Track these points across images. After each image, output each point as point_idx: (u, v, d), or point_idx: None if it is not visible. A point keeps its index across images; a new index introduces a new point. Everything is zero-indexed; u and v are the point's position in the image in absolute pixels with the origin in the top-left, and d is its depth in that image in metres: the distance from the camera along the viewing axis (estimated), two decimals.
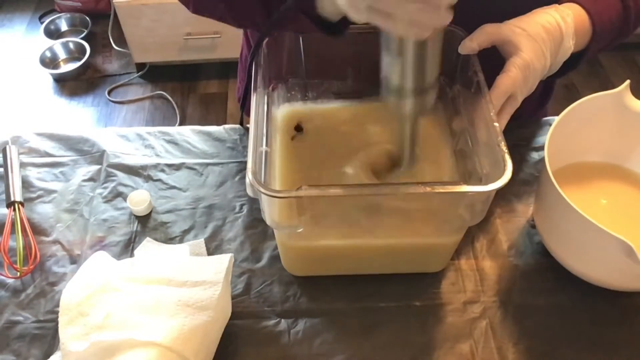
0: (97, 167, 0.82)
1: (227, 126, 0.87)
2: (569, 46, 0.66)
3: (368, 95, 0.74)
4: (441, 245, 0.66)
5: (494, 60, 0.65)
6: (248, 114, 0.83)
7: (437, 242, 0.65)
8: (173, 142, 0.85)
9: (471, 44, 0.64)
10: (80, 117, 2.07)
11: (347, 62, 0.69)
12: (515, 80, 0.61)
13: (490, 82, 0.63)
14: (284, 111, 0.74)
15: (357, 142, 0.70)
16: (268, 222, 0.59)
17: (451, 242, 0.66)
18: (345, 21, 0.62)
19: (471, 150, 0.64)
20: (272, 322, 0.67)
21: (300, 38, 0.69)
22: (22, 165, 0.81)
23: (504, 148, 0.56)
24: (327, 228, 0.63)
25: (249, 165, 0.55)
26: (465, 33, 0.66)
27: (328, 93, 0.75)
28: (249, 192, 0.58)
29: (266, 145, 0.60)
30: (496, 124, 0.59)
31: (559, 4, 0.67)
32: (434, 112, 0.74)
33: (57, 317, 0.61)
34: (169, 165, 0.82)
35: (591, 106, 0.69)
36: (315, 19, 0.61)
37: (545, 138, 0.65)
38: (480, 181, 0.60)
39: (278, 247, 0.69)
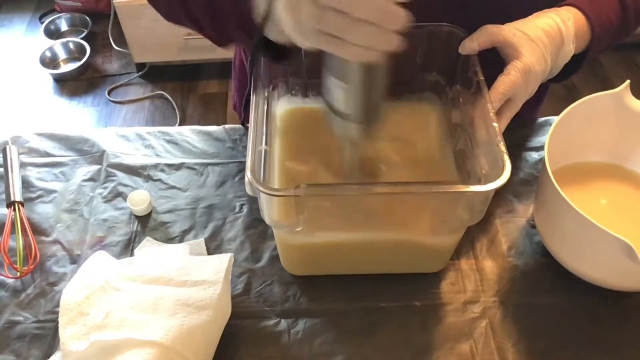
0: (97, 167, 0.82)
1: (227, 126, 0.87)
2: (570, 50, 0.66)
3: None
4: (441, 245, 0.66)
5: (495, 61, 0.65)
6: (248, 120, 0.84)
7: (437, 241, 0.65)
8: (173, 142, 0.85)
9: (471, 44, 0.64)
10: (80, 117, 2.07)
11: None
12: (515, 84, 0.61)
13: (490, 83, 0.63)
14: (283, 110, 0.74)
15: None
16: (267, 220, 0.59)
17: (450, 241, 0.66)
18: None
19: (470, 150, 0.64)
20: (272, 322, 0.67)
21: None
22: (22, 165, 0.81)
23: (503, 148, 0.56)
24: (325, 227, 0.63)
25: (248, 163, 0.55)
26: (465, 33, 0.66)
27: None
28: (248, 190, 0.58)
29: (266, 144, 0.60)
30: (495, 124, 0.59)
31: (558, 6, 0.67)
32: (433, 111, 0.74)
33: (57, 317, 0.61)
34: (169, 165, 0.82)
35: (591, 106, 0.69)
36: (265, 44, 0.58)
37: (545, 138, 0.65)
38: (479, 181, 0.60)
39: (277, 246, 0.69)
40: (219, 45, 0.68)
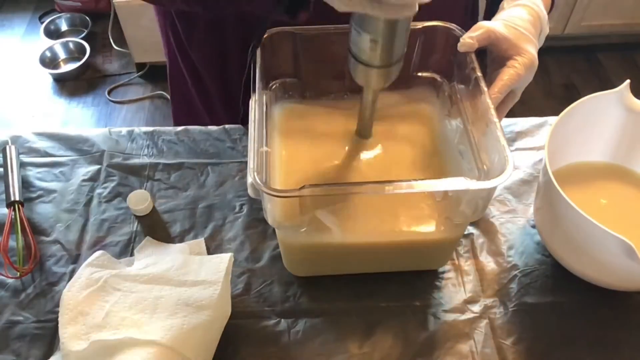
0: (97, 167, 0.82)
1: (227, 126, 0.87)
2: (546, 31, 0.70)
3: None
4: (443, 241, 0.66)
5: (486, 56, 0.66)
6: (245, 123, 0.84)
7: (440, 238, 0.65)
8: (173, 142, 0.85)
9: (472, 42, 0.64)
10: (80, 117, 2.07)
11: (344, 61, 0.69)
12: (520, 77, 0.63)
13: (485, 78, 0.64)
14: (281, 111, 0.74)
15: (355, 140, 0.70)
16: (270, 222, 0.59)
17: (453, 238, 0.66)
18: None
19: (470, 146, 0.64)
20: (272, 322, 0.67)
21: (298, 38, 0.69)
22: (22, 165, 0.81)
23: (505, 144, 0.56)
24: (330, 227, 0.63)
25: (251, 165, 0.55)
26: (462, 31, 0.66)
27: (326, 92, 0.75)
28: (250, 192, 0.58)
29: (266, 145, 0.60)
30: (496, 120, 0.59)
31: None
32: (432, 109, 0.74)
33: (57, 317, 0.61)
34: (169, 165, 0.82)
35: (591, 106, 0.69)
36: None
37: (545, 138, 0.65)
38: (480, 177, 0.60)
39: (280, 247, 0.69)
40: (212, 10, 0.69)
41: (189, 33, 0.83)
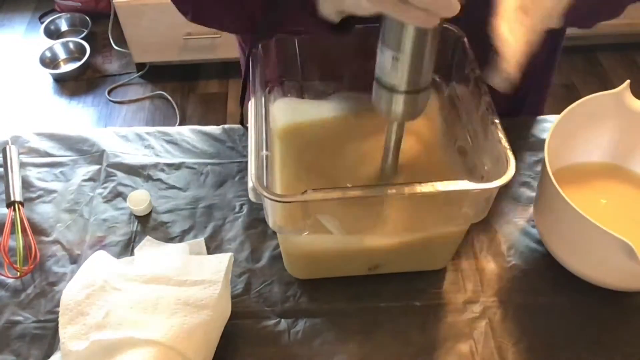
0: (97, 167, 0.82)
1: (227, 126, 0.87)
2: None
3: (364, 94, 0.74)
4: (445, 242, 0.66)
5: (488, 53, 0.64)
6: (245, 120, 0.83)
7: (440, 239, 0.65)
8: (173, 142, 0.85)
9: None
10: (80, 117, 2.07)
11: (343, 62, 0.69)
12: None
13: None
14: (281, 113, 0.74)
15: (353, 140, 0.70)
16: (272, 225, 0.59)
17: (454, 239, 0.66)
18: (345, 23, 0.60)
19: (471, 147, 0.64)
20: (272, 322, 0.67)
21: (296, 39, 0.69)
22: (22, 165, 0.81)
23: (506, 144, 0.56)
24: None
25: (252, 170, 0.54)
26: (460, 32, 0.66)
27: (324, 94, 0.75)
28: (251, 197, 0.58)
29: (266, 149, 0.60)
30: (496, 120, 0.59)
31: None
32: (431, 109, 0.74)
33: (57, 317, 0.61)
34: (169, 165, 0.82)
35: (591, 106, 0.69)
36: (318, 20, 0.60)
37: (545, 138, 0.65)
38: (481, 178, 0.60)
39: (281, 250, 0.69)
40: (259, 33, 0.67)
41: None
